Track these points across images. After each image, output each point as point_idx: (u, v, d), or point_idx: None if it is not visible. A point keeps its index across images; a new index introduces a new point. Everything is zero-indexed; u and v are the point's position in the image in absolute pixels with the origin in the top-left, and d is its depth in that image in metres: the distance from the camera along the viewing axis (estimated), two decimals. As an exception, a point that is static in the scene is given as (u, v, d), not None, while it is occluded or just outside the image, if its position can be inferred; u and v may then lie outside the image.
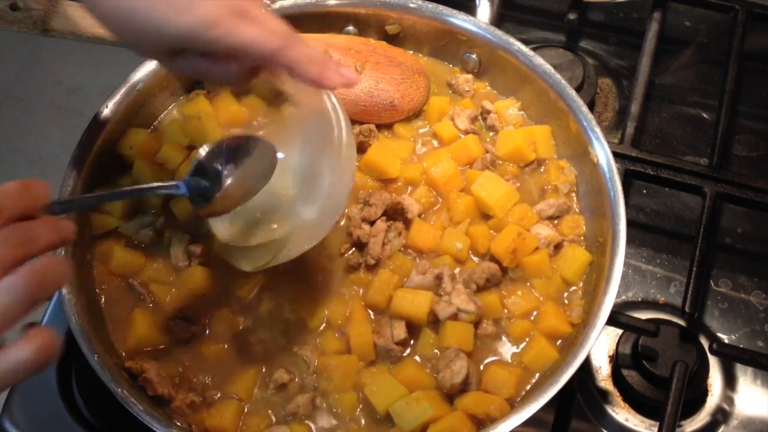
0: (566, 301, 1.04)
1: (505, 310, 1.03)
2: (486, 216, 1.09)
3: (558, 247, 1.07)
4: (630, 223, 1.03)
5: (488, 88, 1.21)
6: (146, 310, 1.03)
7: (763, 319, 1.15)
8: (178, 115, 1.18)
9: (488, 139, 1.16)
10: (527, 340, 1.02)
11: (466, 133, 1.15)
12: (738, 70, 1.27)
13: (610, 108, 1.35)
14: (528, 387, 0.99)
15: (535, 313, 1.04)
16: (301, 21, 1.18)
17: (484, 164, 1.12)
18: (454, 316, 0.99)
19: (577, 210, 1.11)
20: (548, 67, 1.12)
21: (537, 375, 1.00)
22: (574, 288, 1.05)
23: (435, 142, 1.17)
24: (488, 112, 1.16)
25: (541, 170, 1.14)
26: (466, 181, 1.10)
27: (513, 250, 1.03)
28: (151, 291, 1.04)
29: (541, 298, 1.04)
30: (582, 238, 1.08)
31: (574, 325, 1.01)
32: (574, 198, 1.11)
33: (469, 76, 1.20)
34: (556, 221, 1.09)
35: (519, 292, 1.04)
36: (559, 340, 1.01)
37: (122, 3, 0.83)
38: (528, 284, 1.05)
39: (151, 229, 1.08)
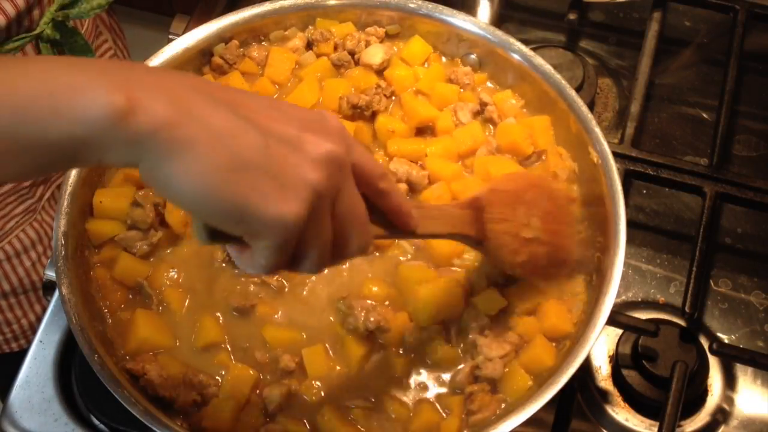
0: (564, 297, 1.03)
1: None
2: None
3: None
4: (630, 223, 1.02)
5: (488, 83, 1.19)
6: (149, 312, 1.01)
7: (763, 319, 1.15)
8: None
9: (487, 133, 1.15)
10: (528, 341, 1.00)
11: None
12: (738, 70, 1.27)
13: (610, 108, 1.35)
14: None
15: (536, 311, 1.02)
16: (300, 21, 1.19)
17: (489, 151, 1.10)
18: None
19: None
20: (548, 67, 1.12)
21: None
22: (575, 285, 1.04)
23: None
24: (486, 104, 1.14)
25: (537, 164, 1.12)
26: (475, 167, 1.08)
27: None
28: (162, 294, 1.02)
29: (542, 299, 1.03)
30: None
31: (574, 323, 1.01)
32: (575, 188, 1.10)
33: (468, 69, 1.18)
34: None
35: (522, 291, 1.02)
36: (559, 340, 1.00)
37: None
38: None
39: (147, 244, 1.02)
